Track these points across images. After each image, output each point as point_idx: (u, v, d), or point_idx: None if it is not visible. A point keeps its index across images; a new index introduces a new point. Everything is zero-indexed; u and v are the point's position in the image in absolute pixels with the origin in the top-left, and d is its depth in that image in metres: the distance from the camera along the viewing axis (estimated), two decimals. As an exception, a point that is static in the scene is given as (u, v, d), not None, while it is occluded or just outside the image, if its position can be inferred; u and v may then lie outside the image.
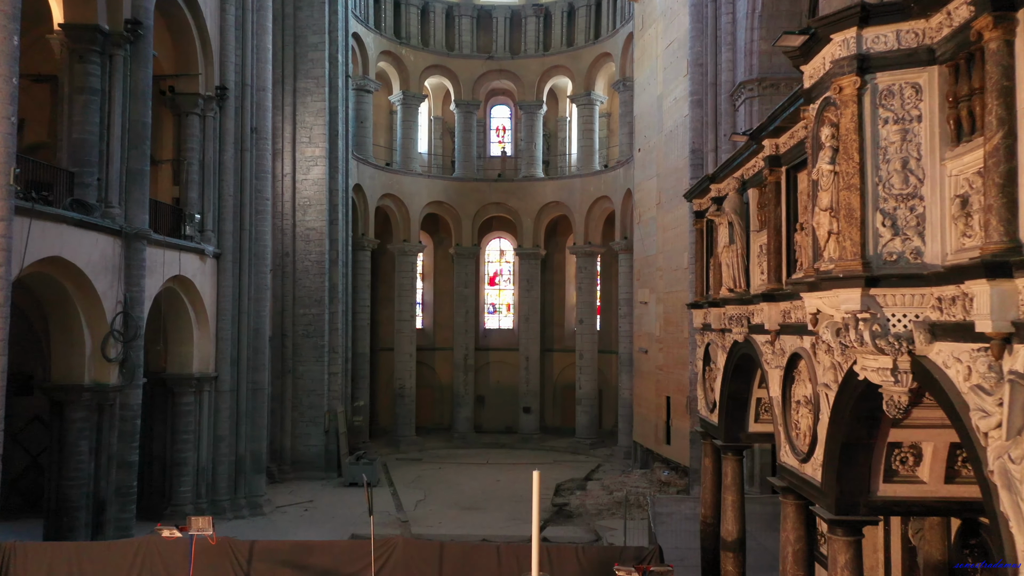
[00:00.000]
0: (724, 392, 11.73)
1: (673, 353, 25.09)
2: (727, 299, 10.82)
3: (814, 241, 6.48)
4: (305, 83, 28.49)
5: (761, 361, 9.55)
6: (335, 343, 29.00)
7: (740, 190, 10.54)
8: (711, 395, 12.62)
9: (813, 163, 6.46)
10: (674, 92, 25.39)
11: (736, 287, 10.39)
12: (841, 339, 6.01)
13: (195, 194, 21.92)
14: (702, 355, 13.17)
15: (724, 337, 11.61)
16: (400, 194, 34.99)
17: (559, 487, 27.17)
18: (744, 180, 10.51)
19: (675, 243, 24.95)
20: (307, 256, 28.37)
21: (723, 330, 11.61)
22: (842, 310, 5.80)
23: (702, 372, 13.16)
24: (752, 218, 10.33)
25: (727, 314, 11.09)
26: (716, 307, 11.79)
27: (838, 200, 5.92)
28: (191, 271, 21.13)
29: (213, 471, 22.18)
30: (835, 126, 6.02)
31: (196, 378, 21.75)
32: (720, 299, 11.31)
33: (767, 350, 9.29)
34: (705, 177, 12.18)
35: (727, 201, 10.58)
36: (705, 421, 13.12)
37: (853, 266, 5.66)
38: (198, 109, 21.98)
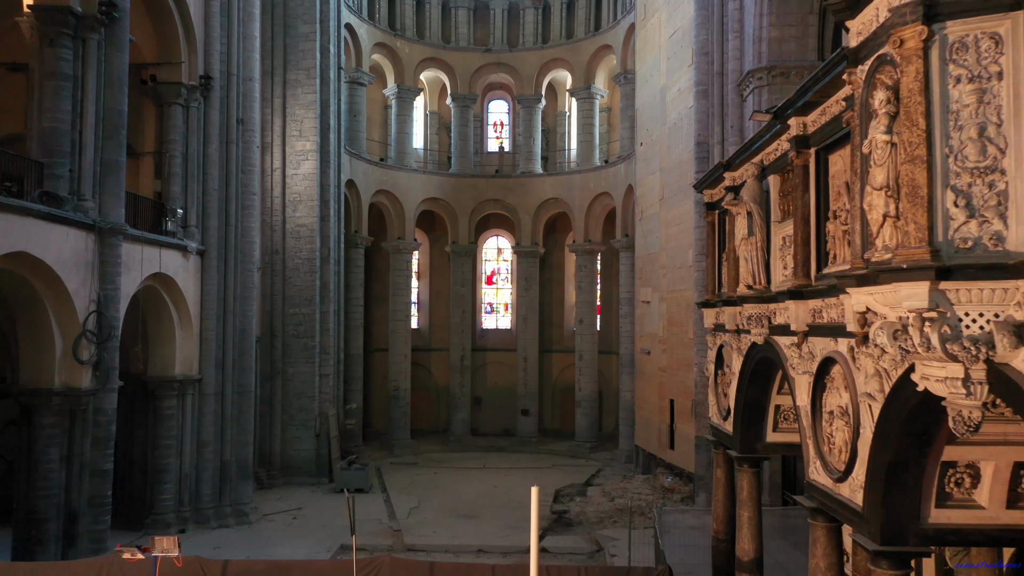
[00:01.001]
0: (739, 399, 10.76)
1: (677, 354, 24.12)
2: (745, 297, 9.84)
3: (863, 227, 5.51)
4: (295, 74, 27.49)
5: (785, 366, 8.58)
6: (327, 344, 28.02)
7: (759, 177, 9.57)
8: (724, 401, 11.65)
9: (863, 135, 5.49)
10: (678, 83, 24.42)
11: (755, 283, 9.42)
12: (901, 343, 5.03)
13: (178, 188, 20.95)
14: (714, 358, 12.20)
15: (740, 339, 10.64)
16: (395, 190, 33.99)
17: (558, 493, 26.21)
18: (764, 166, 9.54)
19: (679, 240, 23.98)
20: (298, 254, 27.38)
21: (739, 331, 10.64)
22: (904, 307, 4.82)
23: (714, 376, 12.19)
24: (773, 207, 9.37)
25: (744, 313, 10.11)
26: (731, 306, 10.82)
27: (897, 176, 4.94)
28: (173, 268, 20.15)
29: (197, 478, 21.21)
30: (892, 89, 5.05)
31: (179, 380, 20.78)
32: (736, 297, 10.33)
33: (792, 354, 8.32)
34: (718, 165, 11.21)
35: (745, 189, 9.61)
36: (717, 429, 12.15)
37: (919, 255, 4.68)
38: (181, 99, 21.01)
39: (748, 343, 10.15)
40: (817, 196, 7.81)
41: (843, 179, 7.30)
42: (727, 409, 11.35)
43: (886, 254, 5.09)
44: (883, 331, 5.20)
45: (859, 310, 5.74)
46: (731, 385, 11.02)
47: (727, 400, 11.44)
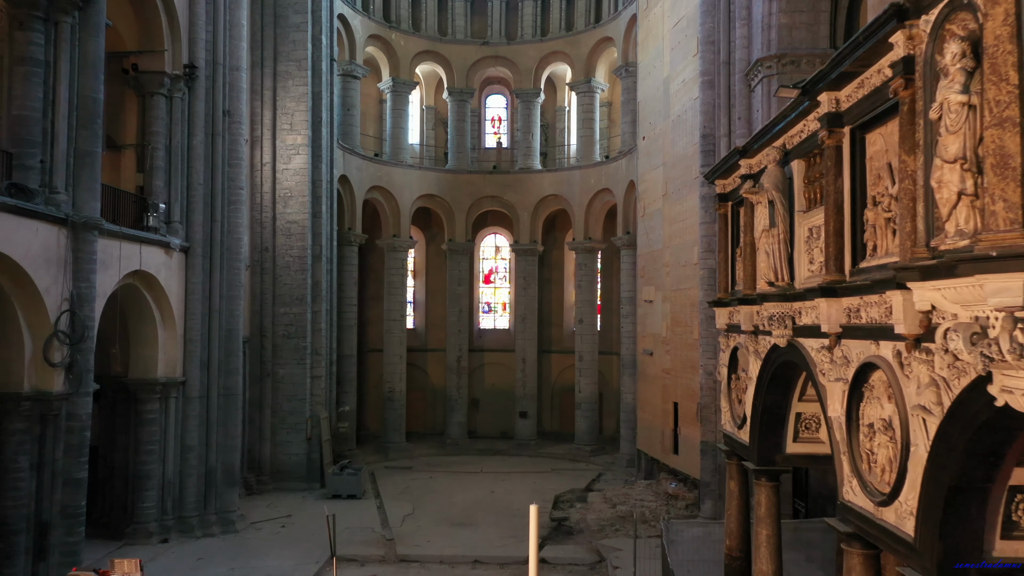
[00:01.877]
0: (757, 406, 9.87)
1: (681, 356, 23.23)
2: (765, 295, 8.96)
3: (928, 209, 4.63)
4: (286, 66, 26.57)
5: (814, 372, 7.69)
6: (318, 344, 27.11)
7: (782, 162, 8.68)
8: (739, 408, 10.76)
9: (928, 100, 4.58)
10: (682, 74, 23.53)
11: (778, 280, 8.53)
12: (982, 349, 4.13)
13: (161, 182, 20.02)
14: (727, 361, 11.31)
15: (758, 340, 9.75)
16: (389, 186, 33.08)
17: (558, 499, 25.31)
18: (787, 150, 8.65)
19: (684, 236, 23.09)
20: (288, 251, 26.46)
21: (757, 332, 9.75)
22: (990, 305, 3.92)
23: (727, 381, 11.30)
24: (797, 196, 8.48)
25: (764, 313, 9.23)
26: (748, 304, 9.93)
27: (978, 144, 4.05)
28: (154, 266, 19.23)
29: (180, 485, 20.30)
30: (969, 40, 4.16)
31: (161, 383, 19.86)
32: (755, 295, 9.43)
33: (822, 358, 7.43)
34: (734, 151, 10.31)
35: (766, 176, 8.72)
36: (731, 438, 11.25)
37: (1011, 240, 3.79)
38: (164, 89, 20.09)
39: (768, 345, 9.26)
40: (852, 181, 6.91)
41: (884, 160, 6.42)
42: (742, 417, 10.46)
43: (961, 240, 4.21)
44: (958, 334, 4.32)
45: (922, 308, 4.84)
46: (747, 391, 10.12)
47: (742, 407, 10.54)
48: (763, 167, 9.37)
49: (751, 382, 9.98)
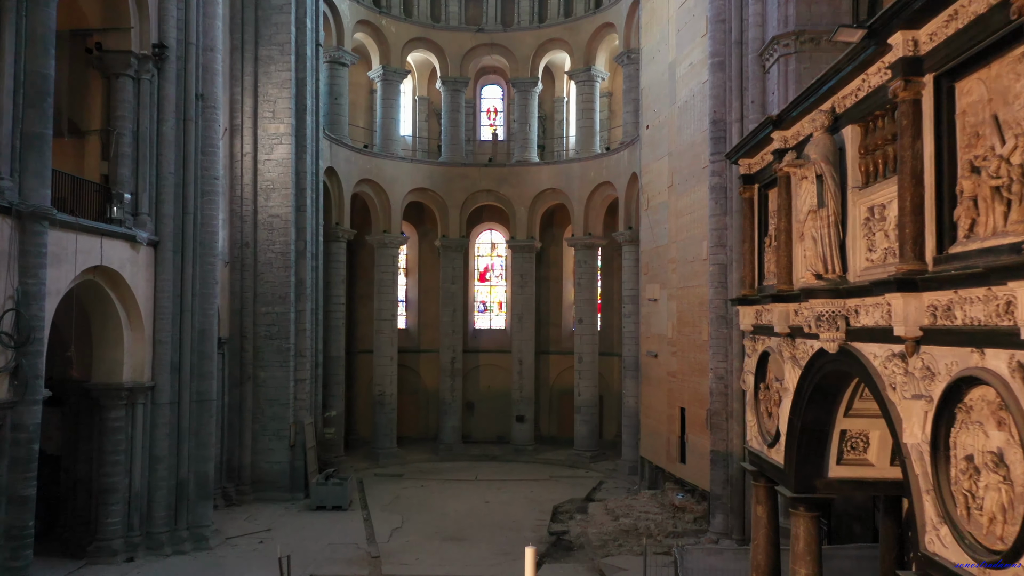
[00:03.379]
0: (794, 421, 8.35)
1: (689, 358, 21.71)
2: (810, 289, 7.42)
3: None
4: (268, 50, 25.00)
5: (880, 387, 6.17)
6: (302, 346, 25.54)
7: (831, 129, 7.14)
8: (769, 423, 9.24)
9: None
10: (690, 57, 22.00)
11: (827, 271, 7.02)
12: None
13: (127, 171, 18.48)
14: (753, 367, 9.79)
15: (796, 345, 8.24)
16: (380, 179, 31.52)
17: (556, 510, 23.80)
18: (838, 114, 7.13)
19: (691, 230, 21.57)
20: (270, 247, 24.89)
21: (794, 334, 8.23)
22: None
23: (753, 391, 9.79)
24: (851, 170, 6.96)
25: (806, 312, 7.71)
26: (783, 302, 8.40)
27: None
28: (118, 261, 17.67)
29: (149, 498, 18.75)
30: None
31: (127, 388, 18.31)
32: (794, 290, 7.90)
33: (893, 369, 5.92)
34: (766, 121, 8.78)
35: (813, 146, 7.20)
36: (759, 457, 9.73)
37: None
38: (131, 70, 18.53)
39: (810, 351, 7.75)
40: (937, 144, 5.39)
41: (985, 113, 4.91)
42: (774, 433, 8.94)
43: None
44: None
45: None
46: (781, 404, 8.61)
47: (773, 422, 9.03)
48: (802, 139, 7.86)
49: (786, 393, 8.47)
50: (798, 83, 16.95)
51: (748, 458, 10.24)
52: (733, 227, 18.94)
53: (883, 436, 8.17)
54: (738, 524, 18.59)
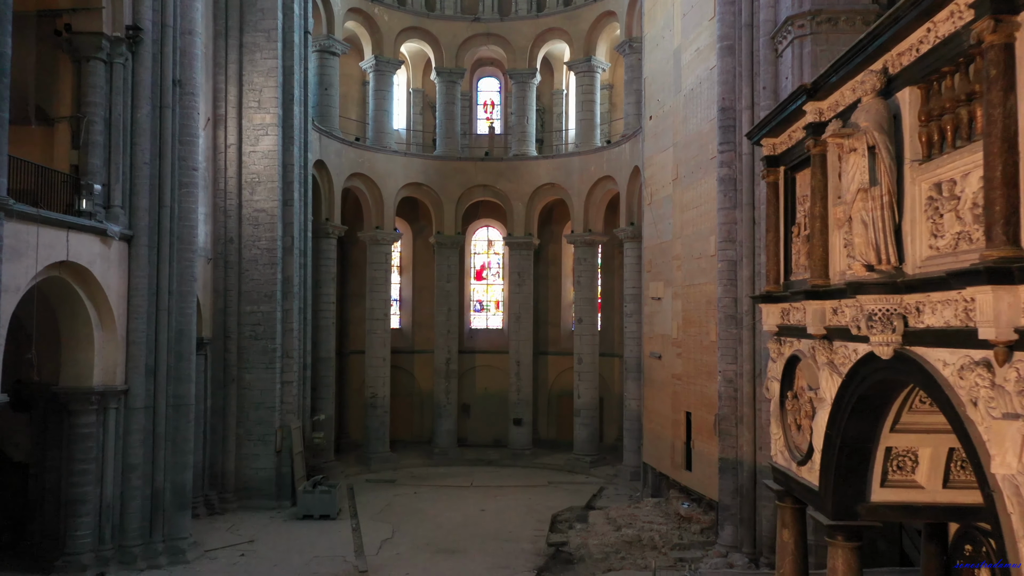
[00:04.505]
0: (832, 437, 7.22)
1: (695, 359, 20.59)
2: (858, 283, 6.28)
3: None
4: (253, 37, 23.84)
5: (956, 401, 5.03)
6: (289, 346, 24.39)
7: (884, 92, 6.01)
8: (798, 437, 8.11)
9: None
10: (696, 42, 20.88)
11: (881, 261, 5.89)
12: None
13: (98, 160, 17.33)
14: (779, 373, 8.66)
15: (834, 349, 7.12)
16: (372, 174, 30.36)
17: (556, 518, 22.68)
18: (891, 75, 5.99)
19: (698, 225, 20.45)
20: (255, 243, 23.74)
21: (832, 336, 7.10)
22: None
23: (779, 399, 8.66)
24: (909, 140, 5.83)
25: (854, 309, 6.57)
26: (819, 299, 7.27)
27: None
28: (87, 256, 16.52)
29: (121, 509, 17.61)
30: None
31: (98, 392, 17.16)
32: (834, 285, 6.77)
33: (975, 381, 4.81)
34: (799, 91, 7.64)
35: (862, 112, 6.08)
36: (786, 475, 8.59)
37: None
38: (103, 54, 17.36)
39: (853, 356, 6.64)
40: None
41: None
42: (806, 449, 7.81)
43: None
44: None
45: None
46: (816, 416, 7.48)
47: (804, 435, 7.90)
48: (842, 110, 6.74)
49: (822, 405, 7.35)
50: (814, 67, 15.84)
51: (773, 476, 9.10)
52: (743, 220, 17.85)
53: (935, 454, 7.07)
54: (748, 536, 17.48)
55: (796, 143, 8.16)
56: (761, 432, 16.97)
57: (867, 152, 6.03)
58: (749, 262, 17.68)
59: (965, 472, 7.00)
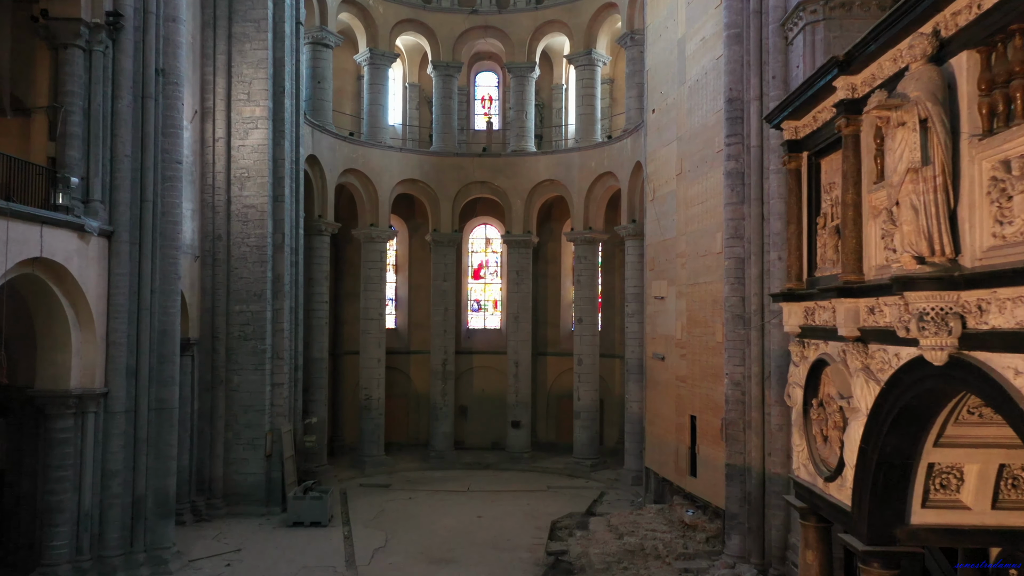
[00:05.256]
0: (868, 451, 6.45)
1: (700, 361, 19.80)
2: (910, 277, 5.49)
3: None
4: (242, 27, 23.04)
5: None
6: (280, 347, 23.59)
7: (936, 58, 5.23)
8: (825, 450, 7.34)
9: None
10: (701, 31, 20.09)
11: (934, 252, 5.11)
12: None
13: (77, 152, 16.52)
14: (803, 379, 7.88)
15: (870, 353, 6.33)
16: (366, 169, 29.56)
17: (555, 526, 21.90)
18: (944, 38, 5.20)
19: (703, 221, 19.67)
20: (245, 240, 22.94)
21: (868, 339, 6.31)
22: None
23: (802, 408, 7.87)
24: (967, 113, 5.05)
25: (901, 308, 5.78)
26: (852, 296, 6.48)
27: None
28: (64, 253, 15.71)
29: (100, 518, 16.79)
30: None
31: (76, 395, 16.35)
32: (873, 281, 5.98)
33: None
34: (829, 64, 6.84)
35: (912, 81, 5.31)
36: (810, 491, 7.81)
37: None
38: (81, 41, 16.55)
39: (895, 361, 5.86)
40: None
41: None
42: (836, 464, 7.03)
43: None
44: None
45: None
46: (847, 428, 6.69)
47: (832, 449, 7.12)
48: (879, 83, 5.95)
49: (855, 415, 6.57)
50: (827, 54, 15.01)
51: (794, 491, 8.31)
52: (751, 216, 17.06)
53: (983, 471, 6.31)
54: (757, 547, 16.69)
55: (823, 125, 7.38)
56: (770, 438, 16.20)
57: (918, 126, 5.25)
58: (757, 259, 16.90)
59: (1017, 491, 6.24)
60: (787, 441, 15.87)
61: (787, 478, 15.88)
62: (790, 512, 15.76)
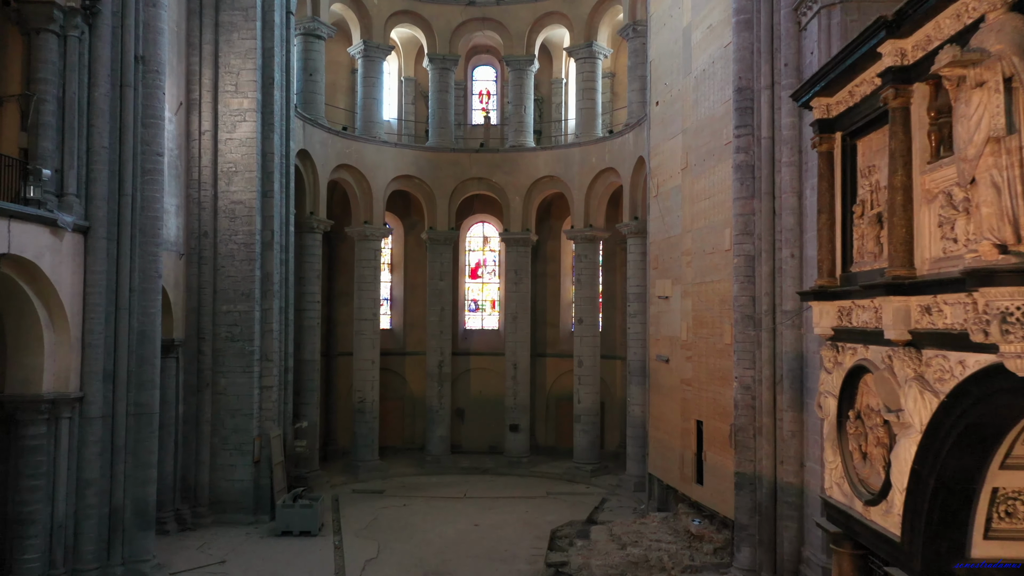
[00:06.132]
0: (923, 474, 5.57)
1: (707, 364, 18.92)
2: (988, 270, 4.60)
3: None
4: (230, 15, 22.15)
5: None
6: (269, 348, 22.68)
7: (1020, 6, 4.35)
8: (864, 469, 6.46)
9: None
10: (709, 18, 19.22)
11: (1020, 239, 4.22)
12: None
13: (50, 143, 15.64)
14: (838, 388, 6.99)
15: (925, 360, 5.44)
16: (360, 165, 28.65)
17: (555, 534, 21.01)
18: (1030, -17, 4.32)
19: (711, 217, 18.79)
20: (232, 237, 22.05)
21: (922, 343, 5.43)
22: None
23: (836, 420, 6.98)
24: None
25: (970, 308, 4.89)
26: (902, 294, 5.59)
27: None
28: (35, 249, 14.83)
29: (75, 529, 15.92)
30: None
31: (49, 400, 15.46)
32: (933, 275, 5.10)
33: None
34: (875, 25, 5.93)
35: (990, 32, 4.45)
36: (846, 514, 6.93)
37: None
38: (55, 25, 15.66)
39: (959, 370, 4.96)
40: None
41: None
42: (878, 486, 6.13)
43: None
44: None
45: None
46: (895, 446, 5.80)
47: (873, 468, 6.24)
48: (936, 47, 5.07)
49: (908, 432, 5.69)
50: (843, 39, 14.15)
51: (825, 512, 7.43)
52: (762, 211, 16.19)
53: (1056, 497, 5.42)
54: (768, 560, 15.82)
55: (861, 100, 6.52)
56: (783, 445, 15.35)
57: (1001, 86, 4.39)
58: (768, 257, 16.03)
59: (1096, 520, 5.38)
60: (800, 449, 15.04)
61: (799, 488, 15.05)
62: (803, 523, 14.92)
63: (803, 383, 14.76)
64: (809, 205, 14.64)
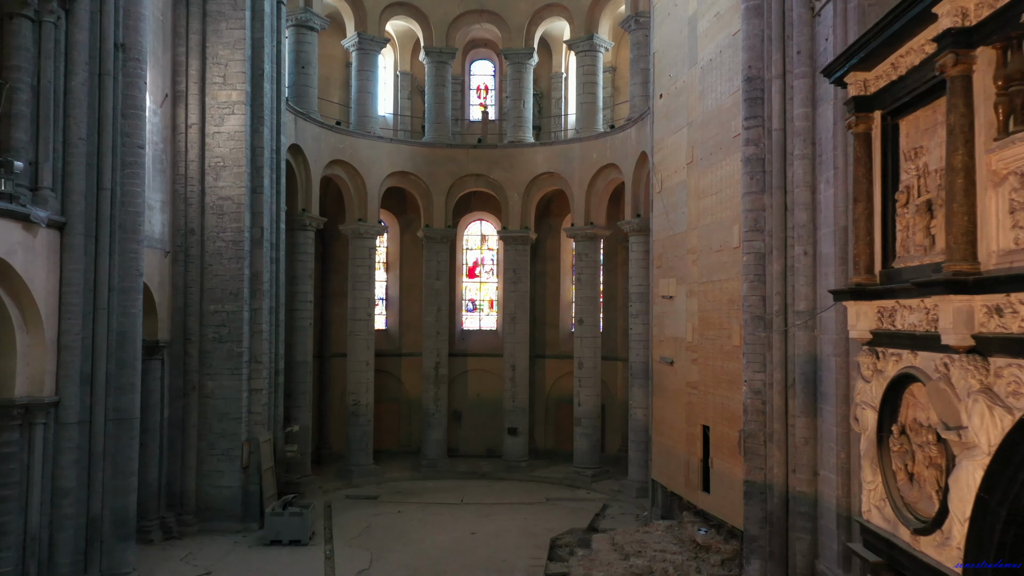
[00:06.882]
0: (991, 502, 4.76)
1: (714, 366, 18.13)
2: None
3: None
4: (218, 4, 21.31)
5: None
6: (258, 350, 21.85)
7: None
8: (912, 492, 5.68)
9: None
10: (715, 6, 18.43)
11: None
12: None
13: (24, 134, 14.81)
14: (878, 399, 6.19)
15: (994, 371, 4.65)
16: (354, 161, 27.84)
17: (555, 543, 20.25)
18: None
19: (718, 213, 18.00)
20: (220, 234, 21.23)
21: (989, 350, 4.63)
22: None
23: (875, 436, 6.17)
24: None
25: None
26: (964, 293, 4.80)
27: None
28: (6, 246, 14.03)
29: (50, 540, 15.08)
30: None
31: (21, 405, 14.63)
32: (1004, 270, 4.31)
33: None
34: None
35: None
36: (889, 542, 6.11)
37: None
38: (29, 10, 14.85)
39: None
40: None
41: None
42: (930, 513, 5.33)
43: None
44: None
45: None
46: (957, 469, 5.00)
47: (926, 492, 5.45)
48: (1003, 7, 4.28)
49: (972, 453, 4.91)
50: (861, 24, 13.36)
51: (862, 538, 6.64)
52: (773, 206, 15.38)
53: None
54: (779, 573, 15.01)
55: (907, 72, 5.74)
56: (795, 452, 14.55)
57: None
58: (780, 254, 15.21)
59: None
60: (813, 456, 14.26)
61: (813, 497, 14.26)
62: (817, 535, 14.14)
63: (816, 387, 13.98)
64: (823, 199, 13.86)
